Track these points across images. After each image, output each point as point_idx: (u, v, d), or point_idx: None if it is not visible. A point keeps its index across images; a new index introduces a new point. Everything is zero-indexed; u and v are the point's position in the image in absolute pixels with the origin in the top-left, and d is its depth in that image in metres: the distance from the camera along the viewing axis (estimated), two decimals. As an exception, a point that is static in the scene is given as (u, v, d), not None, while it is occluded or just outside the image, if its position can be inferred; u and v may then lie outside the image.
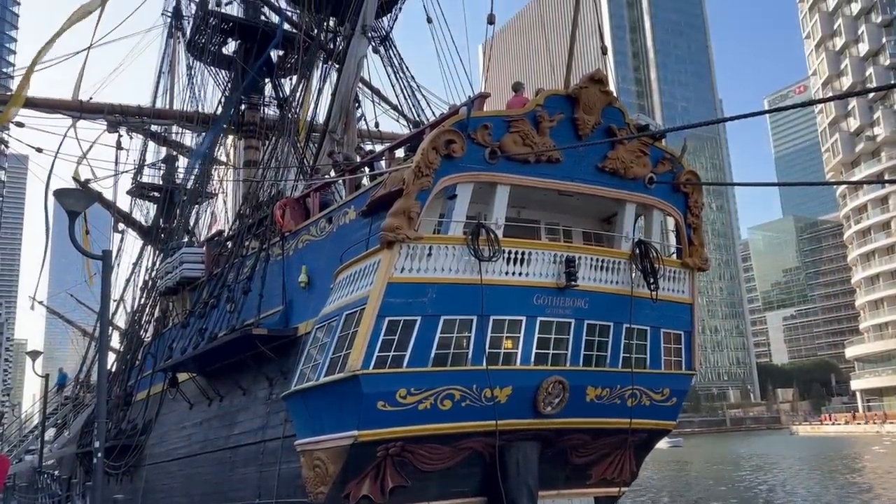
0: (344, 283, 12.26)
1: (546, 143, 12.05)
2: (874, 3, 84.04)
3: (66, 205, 11.51)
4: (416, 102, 21.17)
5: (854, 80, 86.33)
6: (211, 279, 19.24)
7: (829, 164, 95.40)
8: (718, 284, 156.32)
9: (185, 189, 28.32)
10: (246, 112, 27.66)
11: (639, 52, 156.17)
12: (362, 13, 17.59)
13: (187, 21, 35.20)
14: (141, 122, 28.32)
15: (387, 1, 20.31)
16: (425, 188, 11.35)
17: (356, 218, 13.42)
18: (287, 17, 24.88)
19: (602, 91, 12.56)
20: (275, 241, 16.25)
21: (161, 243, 28.47)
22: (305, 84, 20.88)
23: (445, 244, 11.55)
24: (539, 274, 12.13)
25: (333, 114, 17.97)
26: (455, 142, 11.43)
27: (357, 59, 17.93)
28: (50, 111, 25.46)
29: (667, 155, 13.66)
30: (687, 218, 14.06)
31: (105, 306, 13.02)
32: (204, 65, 28.63)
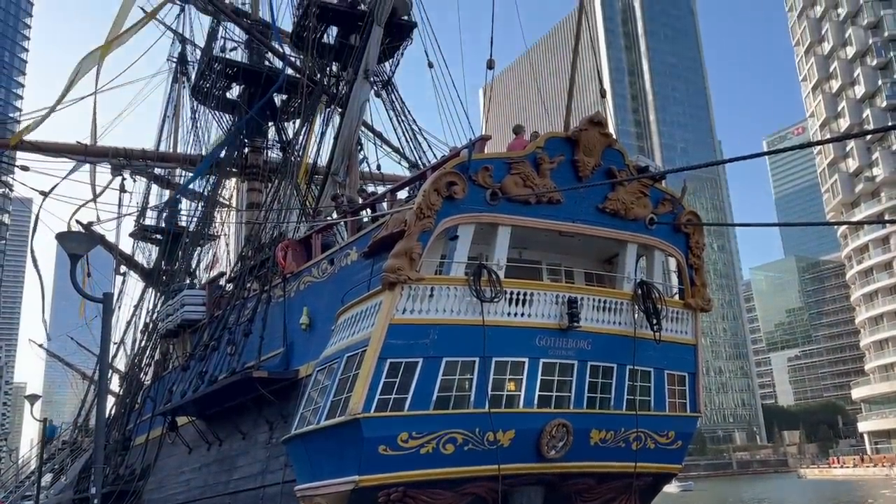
0: (345, 325, 12.20)
1: (547, 185, 12.11)
2: (869, 46, 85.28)
3: (68, 248, 11.52)
4: (418, 145, 21.38)
5: (851, 122, 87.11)
6: (212, 321, 19.18)
7: (830, 205, 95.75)
8: (722, 325, 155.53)
9: (187, 231, 28.45)
10: (249, 155, 27.92)
11: (637, 95, 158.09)
12: (365, 59, 17.86)
13: (192, 66, 35.79)
14: (145, 166, 28.59)
15: (389, 47, 20.63)
16: (427, 229, 11.37)
17: (358, 259, 13.43)
18: (290, 63, 25.26)
19: (602, 133, 12.67)
20: (276, 282, 16.23)
21: (162, 285, 28.46)
22: (308, 127, 21.11)
23: (447, 285, 11.53)
24: (541, 315, 12.07)
25: (336, 156, 18.13)
26: (456, 183, 11.49)
27: (359, 104, 18.16)
28: (55, 155, 25.70)
29: (667, 196, 13.71)
30: (688, 258, 14.05)
31: (105, 349, 12.95)
32: (208, 109, 29.01)
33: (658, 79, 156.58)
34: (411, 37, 21.32)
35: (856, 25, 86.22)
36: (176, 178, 32.90)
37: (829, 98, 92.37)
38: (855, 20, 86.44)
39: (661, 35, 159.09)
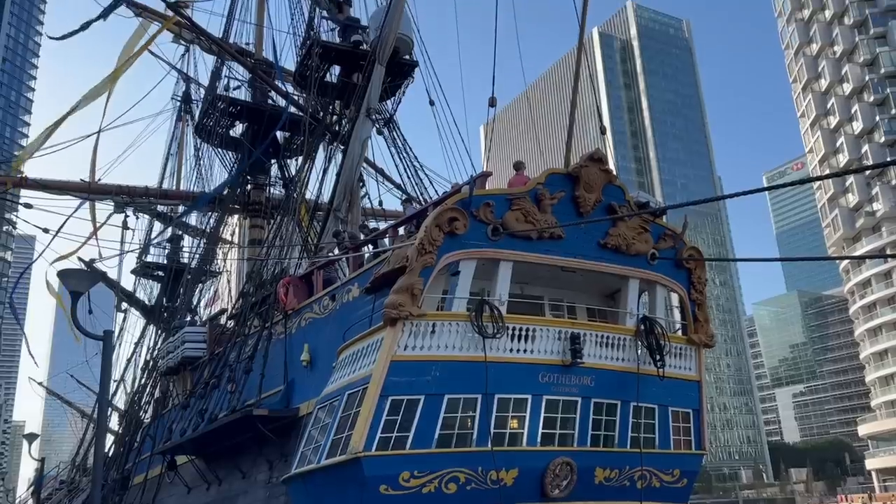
0: (346, 362, 12.13)
1: (548, 221, 12.14)
2: (865, 83, 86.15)
3: (70, 285, 11.52)
4: (420, 181, 21.48)
5: (850, 158, 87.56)
6: (212, 359, 19.08)
7: (831, 240, 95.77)
8: (725, 361, 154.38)
9: (189, 268, 28.47)
10: (252, 192, 28.06)
11: (637, 131, 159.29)
12: (367, 97, 18.05)
13: (196, 105, 36.21)
14: (148, 203, 28.71)
15: (391, 85, 20.86)
16: (429, 265, 11.37)
17: (360, 295, 13.40)
18: (293, 101, 25.52)
19: (602, 169, 12.76)
20: (277, 319, 16.18)
21: (164, 322, 28.38)
22: (310, 165, 21.25)
23: (449, 321, 11.49)
24: (544, 351, 12.01)
25: (338, 193, 18.22)
26: (458, 219, 11.53)
27: (361, 141, 18.30)
28: (59, 192, 25.84)
29: (668, 231, 13.74)
30: (691, 294, 14.03)
31: (104, 387, 12.84)
32: (211, 147, 29.23)
33: (657, 116, 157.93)
34: (413, 76, 21.57)
35: (852, 63, 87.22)
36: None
37: (827, 134, 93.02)
38: (851, 58, 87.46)
39: (660, 73, 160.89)
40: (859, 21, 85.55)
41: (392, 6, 16.93)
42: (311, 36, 22.12)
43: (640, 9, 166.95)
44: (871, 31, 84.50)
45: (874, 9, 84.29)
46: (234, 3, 28.89)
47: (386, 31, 17.04)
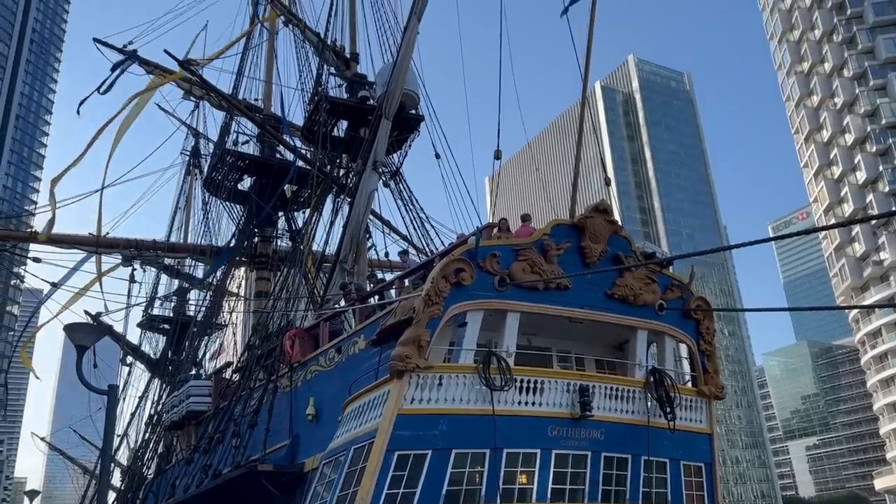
0: (352, 416, 11.98)
1: (554, 271, 12.14)
2: (867, 133, 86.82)
3: (76, 339, 11.48)
4: (426, 232, 21.58)
5: (855, 207, 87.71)
6: (217, 413, 18.87)
7: (839, 289, 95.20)
8: (736, 412, 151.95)
9: (195, 321, 28.44)
10: (259, 244, 28.19)
11: (641, 182, 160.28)
12: (373, 151, 18.26)
13: (204, 159, 36.71)
14: (155, 256, 28.84)
15: (397, 139, 21.13)
16: (435, 316, 11.33)
17: (366, 347, 13.32)
18: (301, 155, 25.86)
19: (607, 220, 12.80)
20: (283, 372, 16.05)
21: (169, 376, 28.22)
22: (317, 217, 21.39)
23: (456, 373, 11.38)
24: (552, 404, 11.85)
25: (344, 245, 18.28)
26: (465, 270, 11.53)
27: (368, 194, 18.45)
28: (67, 247, 26.01)
29: (675, 282, 13.70)
30: (700, 344, 13.91)
31: (107, 442, 12.70)
32: (219, 200, 29.50)
33: (661, 166, 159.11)
34: (418, 129, 21.87)
35: (853, 114, 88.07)
36: (185, 268, 33.17)
37: (831, 184, 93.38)
38: (852, 109, 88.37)
39: (663, 125, 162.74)
40: (859, 73, 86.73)
41: (398, 63, 17.26)
42: (319, 92, 22.53)
43: (642, 62, 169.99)
44: (870, 83, 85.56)
45: (873, 61, 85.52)
46: (244, 60, 29.56)
47: (392, 87, 17.33)
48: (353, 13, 24.96)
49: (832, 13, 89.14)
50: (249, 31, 29.92)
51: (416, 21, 16.52)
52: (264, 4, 30.35)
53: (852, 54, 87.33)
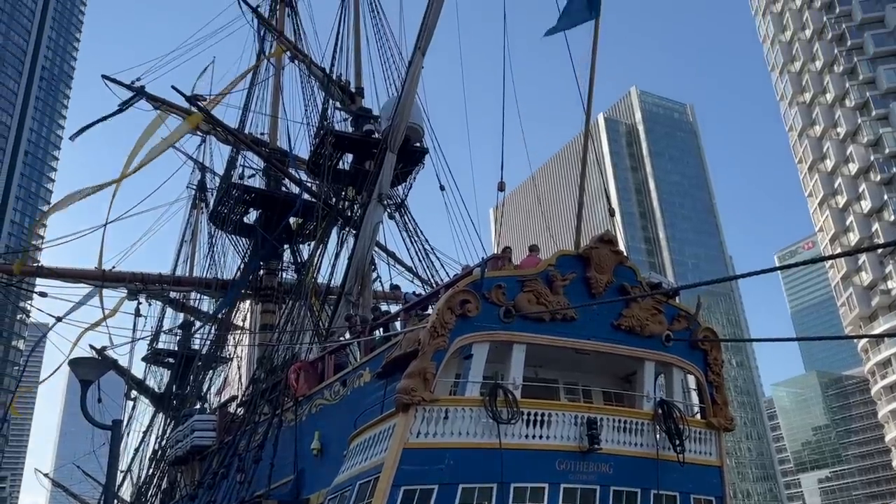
0: (358, 450, 11.86)
1: (560, 302, 12.09)
2: (871, 163, 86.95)
3: (80, 374, 11.44)
4: (430, 264, 21.59)
5: (861, 236, 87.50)
6: (222, 447, 18.72)
7: (847, 319, 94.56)
8: (746, 444, 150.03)
9: (200, 354, 28.37)
10: (264, 277, 28.22)
11: (646, 212, 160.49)
12: (378, 184, 18.35)
13: (210, 193, 36.94)
14: (161, 290, 28.87)
15: (402, 171, 21.25)
16: (441, 348, 11.26)
17: (371, 380, 13.23)
18: (307, 188, 26.00)
19: (613, 250, 12.78)
20: (288, 406, 15.94)
21: (173, 410, 28.07)
22: (322, 250, 21.43)
23: (462, 406, 11.27)
24: (560, 437, 11.71)
25: (349, 277, 18.27)
26: (470, 301, 11.49)
27: (373, 226, 18.49)
28: (73, 281, 26.08)
29: (682, 312, 13.63)
30: (708, 375, 13.78)
31: (111, 478, 12.58)
32: (225, 234, 29.61)
33: (665, 197, 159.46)
34: (423, 162, 22.00)
35: (856, 144, 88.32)
36: (191, 301, 33.18)
37: (836, 213, 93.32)
38: (855, 138, 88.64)
39: (666, 155, 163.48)
40: (860, 103, 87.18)
41: (403, 97, 17.42)
42: (325, 126, 22.73)
43: (644, 94, 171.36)
44: (873, 113, 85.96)
45: (875, 91, 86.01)
46: (250, 95, 29.90)
47: (397, 121, 17.47)
48: (357, 49, 25.30)
49: (832, 45, 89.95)
50: (256, 67, 30.31)
51: (421, 56, 16.70)
52: (270, 41, 30.80)
53: (854, 84, 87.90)
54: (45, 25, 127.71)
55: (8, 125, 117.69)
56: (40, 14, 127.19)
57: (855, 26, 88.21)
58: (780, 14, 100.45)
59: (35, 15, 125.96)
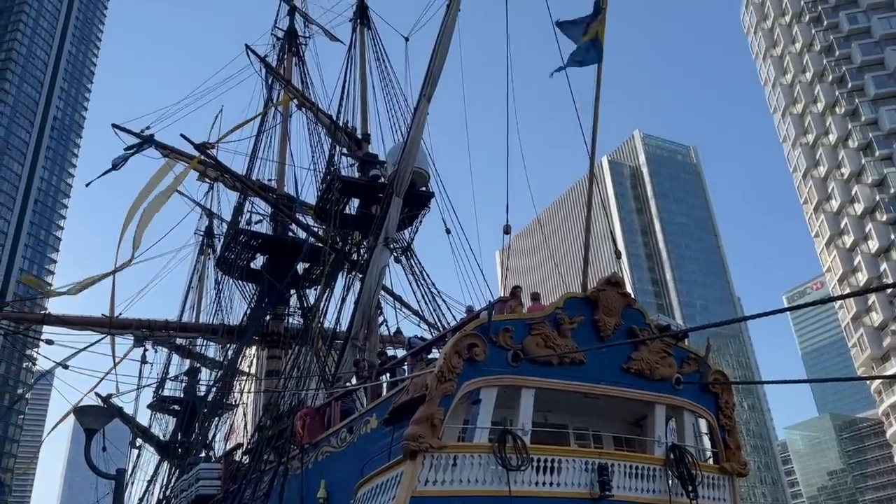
0: (365, 499, 11.66)
1: (568, 345, 11.98)
2: (877, 203, 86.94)
3: (85, 423, 11.35)
4: (437, 307, 21.52)
5: (869, 276, 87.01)
6: (227, 496, 18.45)
7: (859, 360, 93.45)
8: (761, 490, 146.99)
9: (205, 401, 28.16)
10: (270, 322, 28.15)
11: (652, 254, 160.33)
12: (385, 228, 18.42)
13: (218, 239, 37.14)
14: (167, 336, 28.82)
15: (408, 215, 21.35)
16: (449, 393, 11.14)
17: (378, 426, 13.06)
18: (313, 233, 26.10)
19: (620, 293, 12.72)
20: (294, 453, 15.74)
21: (178, 459, 27.74)
22: (329, 294, 21.42)
23: (471, 453, 11.10)
24: (571, 483, 11.49)
25: (355, 322, 18.21)
26: (477, 345, 11.40)
27: (379, 270, 18.50)
28: (80, 328, 26.07)
29: (691, 355, 13.49)
30: (720, 419, 13.58)
31: (114, 529, 12.36)
32: (232, 279, 29.65)
33: (671, 238, 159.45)
34: (429, 206, 22.12)
35: (861, 184, 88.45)
36: (197, 348, 33.07)
37: (843, 253, 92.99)
38: (859, 179, 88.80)
39: (671, 197, 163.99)
40: (864, 144, 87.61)
41: (409, 142, 17.60)
42: (332, 171, 22.94)
43: (648, 137, 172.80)
44: (876, 153, 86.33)
45: (878, 132, 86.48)
46: (258, 143, 30.28)
47: (403, 166, 17.62)
48: (364, 96, 25.67)
49: (833, 87, 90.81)
50: (264, 113, 30.74)
51: (426, 102, 16.92)
52: (278, 89, 31.31)
53: (856, 126, 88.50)
54: (57, 77, 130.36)
55: (19, 174, 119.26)
56: (53, 66, 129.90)
57: (855, 68, 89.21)
58: (781, 58, 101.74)
59: (48, 67, 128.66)
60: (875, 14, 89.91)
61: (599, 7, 13.73)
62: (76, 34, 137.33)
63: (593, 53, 13.74)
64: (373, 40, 26.64)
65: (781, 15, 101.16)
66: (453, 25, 16.54)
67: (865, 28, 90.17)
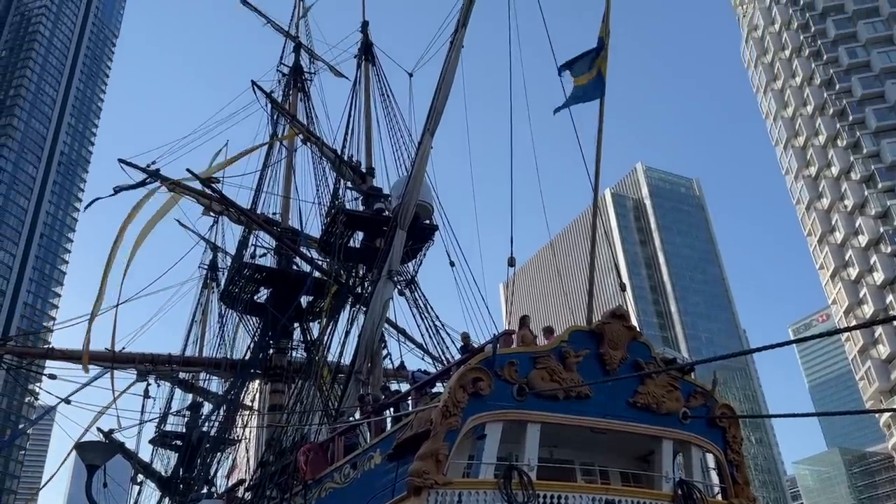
0: (369, 536, 11.48)
1: (574, 379, 11.89)
2: (881, 235, 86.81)
3: (87, 459, 11.25)
4: (441, 340, 21.43)
5: (875, 309, 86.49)
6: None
7: (867, 393, 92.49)
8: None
9: (207, 436, 27.92)
10: (274, 356, 28.04)
11: (656, 286, 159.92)
12: (389, 261, 18.43)
13: (222, 273, 37.19)
14: (170, 371, 28.69)
15: (412, 248, 21.36)
16: (454, 428, 11.03)
17: (382, 462, 12.91)
18: (318, 266, 26.12)
19: (626, 326, 12.65)
20: (297, 490, 15.54)
21: (180, 495, 27.43)
22: (333, 328, 21.37)
23: (476, 489, 10.95)
24: (578, 520, 11.31)
25: (359, 355, 18.12)
26: (482, 379, 11.32)
27: (383, 302, 18.46)
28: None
29: (698, 388, 13.37)
30: (727, 454, 13.41)
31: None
32: (236, 313, 29.61)
33: (675, 270, 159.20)
34: (433, 239, 22.16)
35: (864, 216, 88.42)
36: (200, 382, 32.91)
37: (848, 285, 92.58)
38: (863, 210, 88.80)
39: (674, 229, 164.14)
40: (866, 176, 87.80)
41: (413, 176, 17.69)
42: (336, 205, 23.05)
43: (650, 170, 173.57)
44: (879, 185, 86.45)
45: (880, 164, 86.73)
46: (263, 177, 30.46)
47: (407, 199, 17.69)
48: (368, 130, 25.88)
49: (834, 120, 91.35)
50: (270, 145, 30.97)
51: (430, 137, 17.04)
52: (283, 124, 31.61)
53: (858, 158, 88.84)
54: (65, 112, 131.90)
55: (25, 208, 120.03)
56: (61, 101, 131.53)
57: (855, 102, 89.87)
58: (781, 91, 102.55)
59: (56, 103, 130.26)
60: (874, 48, 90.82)
61: (602, 43, 13.89)
62: (85, 70, 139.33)
63: (595, 89, 13.86)
64: (377, 76, 26.97)
65: (781, 49, 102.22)
66: (457, 62, 16.74)
67: (865, 62, 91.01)
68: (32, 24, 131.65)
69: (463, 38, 16.86)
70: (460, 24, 16.89)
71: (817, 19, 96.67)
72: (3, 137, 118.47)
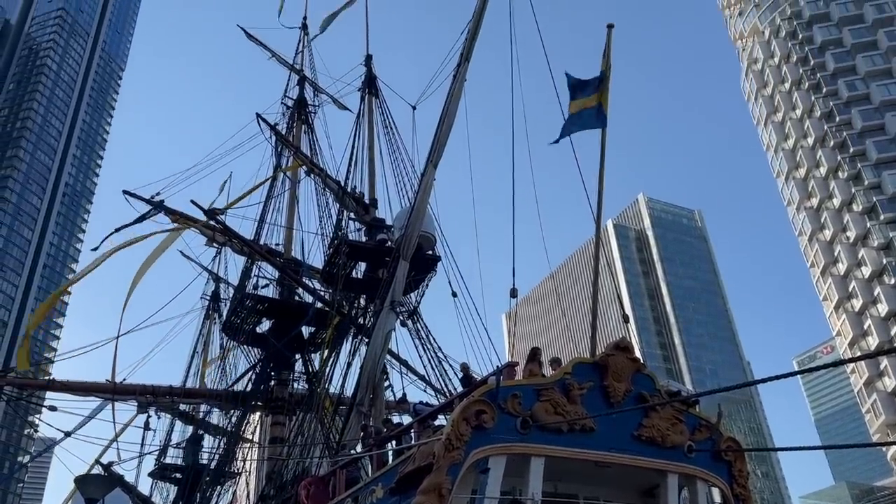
0: (370, 573, 11.30)
1: (577, 412, 11.78)
2: (884, 266, 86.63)
3: (87, 492, 11.13)
4: (444, 371, 21.31)
5: (881, 340, 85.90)
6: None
7: (874, 426, 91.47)
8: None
9: (208, 469, 27.66)
10: (275, 388, 27.88)
11: (660, 317, 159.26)
12: (391, 291, 18.41)
13: (224, 304, 37.16)
14: (171, 402, 28.51)
15: (414, 279, 21.35)
16: (456, 462, 10.90)
17: (384, 496, 12.75)
18: (320, 297, 26.10)
19: (629, 358, 12.55)
20: (298, 524, 15.34)
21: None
22: (335, 359, 21.27)
23: (479, 524, 10.80)
24: (582, 557, 11.13)
25: (361, 386, 18.01)
26: (486, 412, 11.21)
27: (385, 333, 18.39)
28: (83, 394, 25.82)
29: (703, 421, 13.23)
30: (733, 488, 13.22)
31: None
32: (237, 343, 29.53)
33: (678, 302, 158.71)
34: (435, 269, 22.16)
35: (867, 247, 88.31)
36: (200, 414, 32.67)
37: (853, 317, 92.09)
38: (865, 242, 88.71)
39: (677, 261, 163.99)
40: (868, 208, 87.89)
41: (415, 207, 17.76)
42: (339, 236, 23.11)
43: (652, 201, 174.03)
44: (881, 217, 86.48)
45: (881, 196, 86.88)
46: (266, 208, 30.59)
47: (409, 231, 17.73)
48: (371, 162, 26.05)
49: (835, 152, 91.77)
50: (273, 177, 31.16)
51: (433, 168, 17.15)
52: (287, 155, 31.84)
53: (859, 190, 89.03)
54: (70, 144, 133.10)
55: (29, 239, 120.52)
56: (67, 133, 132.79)
57: (856, 134, 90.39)
58: (782, 123, 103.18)
59: (62, 135, 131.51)
60: (873, 81, 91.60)
61: (603, 75, 14.00)
62: (91, 103, 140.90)
63: (594, 118, 13.92)
64: (380, 108, 27.22)
65: (781, 82, 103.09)
66: (459, 94, 16.91)
67: (864, 95, 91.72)
68: (41, 57, 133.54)
69: (466, 72, 17.04)
70: (463, 58, 17.09)
71: (816, 53, 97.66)
72: (9, 169, 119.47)
